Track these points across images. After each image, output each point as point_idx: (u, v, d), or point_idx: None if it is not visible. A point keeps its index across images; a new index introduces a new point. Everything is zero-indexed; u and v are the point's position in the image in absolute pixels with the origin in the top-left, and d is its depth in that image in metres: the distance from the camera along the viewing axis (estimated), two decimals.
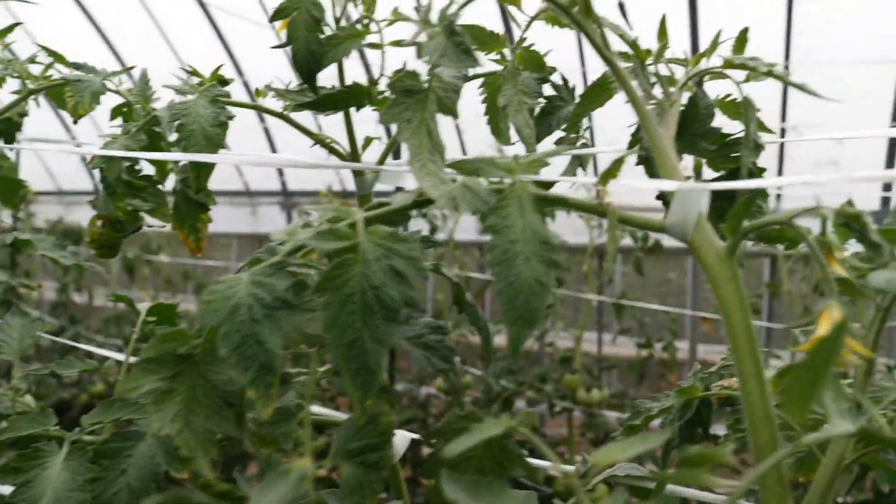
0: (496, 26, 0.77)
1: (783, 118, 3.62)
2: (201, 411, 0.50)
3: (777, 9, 3.36)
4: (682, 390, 0.62)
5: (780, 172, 3.77)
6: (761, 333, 4.20)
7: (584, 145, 0.83)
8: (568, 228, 4.14)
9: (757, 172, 0.70)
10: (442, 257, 3.53)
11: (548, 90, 0.80)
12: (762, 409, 0.53)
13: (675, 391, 0.62)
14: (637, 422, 0.62)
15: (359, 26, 0.60)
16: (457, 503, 0.39)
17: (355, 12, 0.63)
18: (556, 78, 0.82)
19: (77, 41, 4.88)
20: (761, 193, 0.70)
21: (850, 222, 0.50)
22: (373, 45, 0.61)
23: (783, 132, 3.60)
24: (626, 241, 3.56)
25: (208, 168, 0.73)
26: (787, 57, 3.42)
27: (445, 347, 0.56)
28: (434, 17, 0.53)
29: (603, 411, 3.44)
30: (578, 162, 0.82)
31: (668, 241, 3.57)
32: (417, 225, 4.19)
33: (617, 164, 0.53)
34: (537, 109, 0.80)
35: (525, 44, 0.76)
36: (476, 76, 0.80)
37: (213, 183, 0.89)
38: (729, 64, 0.62)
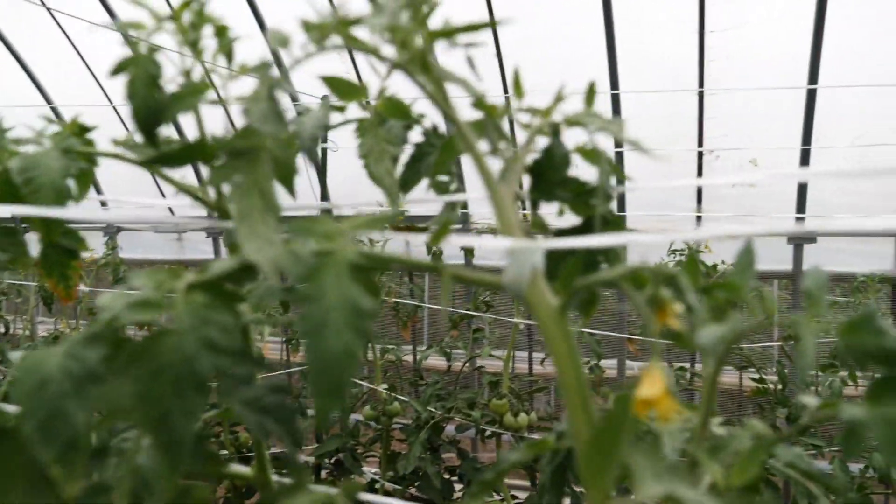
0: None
1: (700, 142, 3.74)
2: (18, 486, 0.48)
3: (690, 36, 3.48)
4: (532, 444, 0.62)
5: (699, 194, 3.89)
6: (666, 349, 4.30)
7: (458, 189, 0.83)
8: (495, 254, 4.18)
9: (612, 220, 0.72)
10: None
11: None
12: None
13: (525, 445, 0.62)
14: (489, 476, 0.62)
15: (200, 83, 0.60)
16: None
17: (200, 68, 0.63)
18: (427, 124, 0.82)
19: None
20: (611, 248, 0.72)
21: (669, 284, 0.51)
22: (217, 102, 0.61)
23: (700, 156, 3.72)
24: None
25: (57, 223, 0.71)
26: (700, 83, 3.54)
27: (285, 409, 0.55)
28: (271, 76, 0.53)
29: (533, 435, 3.46)
30: (451, 207, 0.83)
31: None
32: None
33: (445, 226, 0.54)
34: (407, 157, 0.80)
35: (393, 95, 0.77)
36: (347, 122, 0.80)
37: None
38: (569, 121, 0.64)
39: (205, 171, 0.63)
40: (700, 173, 3.84)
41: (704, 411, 0.58)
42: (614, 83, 3.58)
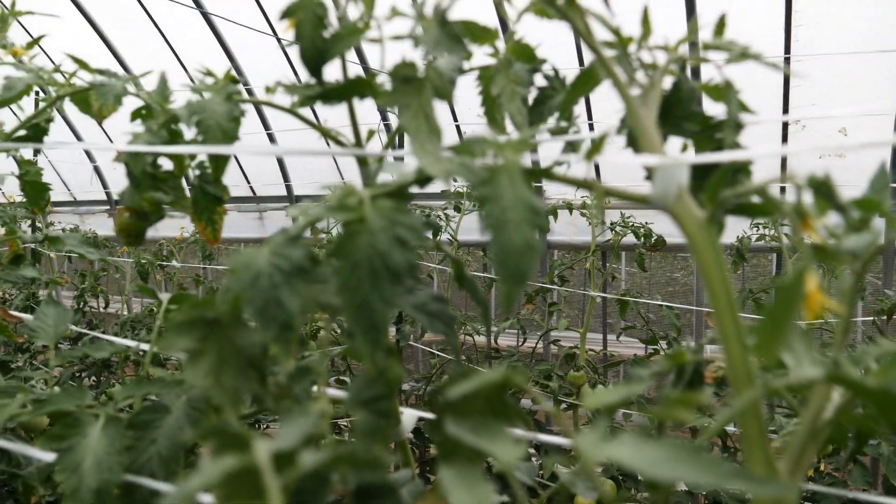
0: (492, 22, 0.82)
1: (785, 111, 3.65)
2: (228, 370, 0.55)
3: (776, 1, 3.40)
4: (671, 356, 0.67)
5: (783, 165, 3.81)
6: None
7: (576, 132, 0.88)
8: (570, 228, 4.19)
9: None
10: (446, 258, 3.59)
11: (540, 81, 0.85)
12: (743, 368, 0.57)
13: (664, 357, 0.66)
14: (631, 389, 0.66)
15: (360, 23, 0.65)
16: (458, 437, 0.44)
17: (356, 10, 0.69)
18: (547, 68, 0.87)
19: (84, 52, 4.98)
20: (743, 168, 0.75)
21: (819, 189, 0.55)
22: (373, 40, 0.66)
23: (786, 126, 3.63)
24: (630, 238, 3.61)
25: (224, 159, 0.78)
26: (787, 49, 3.46)
27: (446, 315, 0.61)
28: (428, 11, 0.59)
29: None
30: (571, 146, 0.87)
31: (671, 239, 3.61)
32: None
33: (601, 141, 0.58)
34: (530, 99, 0.85)
35: (521, 39, 0.82)
36: (472, 69, 0.85)
37: None
38: (706, 46, 0.67)
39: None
40: (785, 142, 3.75)
41: (845, 319, 0.61)
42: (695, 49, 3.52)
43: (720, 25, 0.71)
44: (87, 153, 5.66)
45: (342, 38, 0.66)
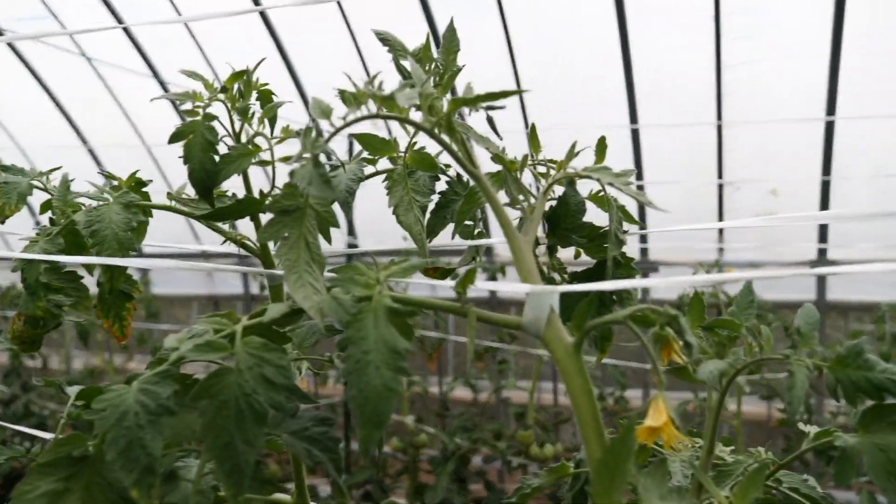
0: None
1: (720, 174, 3.78)
2: None
3: (707, 74, 3.55)
4: (552, 469, 0.68)
5: (720, 216, 3.92)
6: None
7: (481, 234, 0.90)
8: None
9: (624, 262, 0.78)
10: None
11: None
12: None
13: (545, 471, 0.68)
14: (514, 500, 0.68)
15: (250, 146, 0.67)
16: None
17: (250, 130, 0.70)
18: (452, 173, 0.89)
19: (32, 110, 4.93)
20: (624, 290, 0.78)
21: (670, 324, 0.57)
22: (263, 163, 0.68)
23: (721, 188, 3.76)
24: None
25: (120, 270, 0.79)
26: (719, 116, 3.60)
27: (329, 439, 0.61)
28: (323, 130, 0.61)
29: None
30: (475, 250, 0.90)
31: None
32: None
33: (471, 273, 0.60)
34: (433, 204, 0.87)
35: (421, 148, 0.84)
36: (377, 173, 0.87)
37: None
38: (580, 175, 0.70)
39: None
40: (721, 204, 3.88)
41: (709, 440, 0.63)
42: (633, 117, 3.65)
43: (600, 150, 0.74)
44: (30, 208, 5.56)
45: (232, 161, 0.67)
